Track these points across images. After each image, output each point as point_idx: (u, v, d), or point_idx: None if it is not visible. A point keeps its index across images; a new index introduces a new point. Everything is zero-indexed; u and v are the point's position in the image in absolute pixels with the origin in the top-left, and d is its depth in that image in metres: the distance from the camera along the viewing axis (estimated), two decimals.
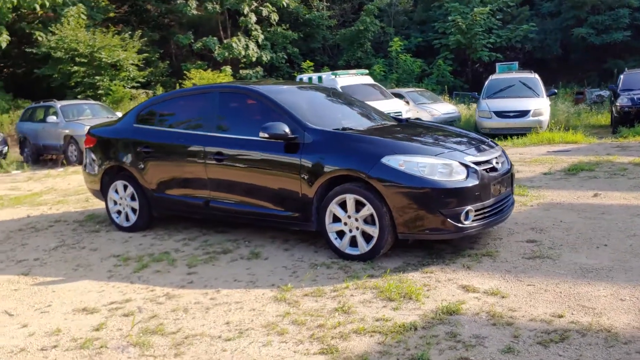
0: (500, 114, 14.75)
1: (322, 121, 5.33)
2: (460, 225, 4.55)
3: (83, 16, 23.63)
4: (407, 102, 18.41)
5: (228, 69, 26.12)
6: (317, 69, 26.02)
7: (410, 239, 4.76)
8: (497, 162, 4.98)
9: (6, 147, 15.52)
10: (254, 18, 27.72)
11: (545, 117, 14.64)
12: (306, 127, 5.06)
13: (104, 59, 22.21)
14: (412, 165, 4.57)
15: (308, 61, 26.48)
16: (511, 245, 5.05)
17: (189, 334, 3.60)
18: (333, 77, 18.47)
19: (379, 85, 19.42)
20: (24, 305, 4.33)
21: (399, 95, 18.96)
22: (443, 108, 18.49)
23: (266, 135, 4.99)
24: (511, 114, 14.62)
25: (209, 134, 5.62)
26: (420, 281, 4.30)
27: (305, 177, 4.96)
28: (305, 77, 19.94)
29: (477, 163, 4.76)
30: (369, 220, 4.72)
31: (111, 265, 5.19)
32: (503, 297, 3.90)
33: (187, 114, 6.06)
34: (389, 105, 17.27)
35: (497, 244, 5.10)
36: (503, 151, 5.40)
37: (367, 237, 4.76)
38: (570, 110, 17.38)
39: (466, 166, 4.66)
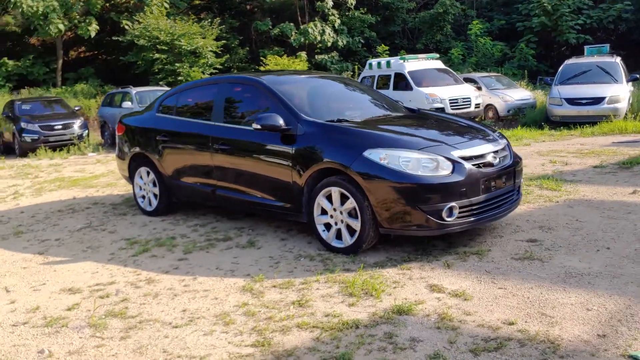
0: (572, 101, 13.89)
1: (320, 112, 5.31)
2: (442, 222, 4.39)
3: (166, 4, 24.66)
4: (479, 88, 17.78)
5: (303, 54, 26.32)
6: (394, 52, 25.61)
7: (391, 234, 4.66)
8: (494, 157, 4.74)
9: (86, 131, 16.58)
10: (330, 3, 27.68)
11: (623, 105, 13.62)
12: (300, 119, 5.06)
13: (183, 47, 23.12)
14: (395, 159, 4.45)
15: (383, 45, 26.12)
16: (508, 244, 4.81)
17: (144, 319, 3.76)
18: (401, 61, 18.17)
19: (450, 70, 18.88)
20: (23, 282, 4.69)
21: (472, 80, 18.35)
22: (517, 94, 17.68)
23: (259, 127, 5.05)
24: (583, 101, 13.73)
25: (215, 123, 5.76)
26: (392, 278, 4.21)
27: (297, 169, 4.97)
28: (374, 61, 19.76)
29: (467, 158, 4.56)
30: (353, 214, 4.67)
31: (117, 248, 5.48)
32: (466, 299, 3.75)
33: (199, 103, 6.23)
34: (458, 91, 16.80)
35: (494, 242, 4.88)
36: (508, 145, 5.12)
37: (352, 231, 4.71)
38: None
39: (452, 161, 4.48)
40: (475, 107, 16.78)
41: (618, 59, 15.22)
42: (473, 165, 4.55)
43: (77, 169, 11.93)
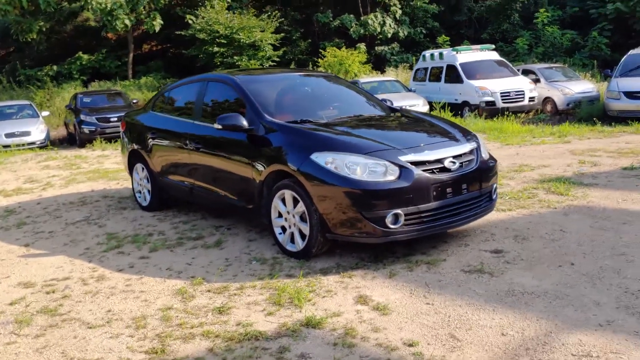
0: (631, 95, 12.92)
1: (288, 112, 5.21)
2: (386, 229, 4.19)
3: None
4: (538, 80, 16.88)
5: (362, 46, 26.00)
6: (458, 42, 24.76)
7: (338, 239, 4.49)
8: (452, 162, 4.46)
9: None
10: None
11: None
12: (263, 119, 4.98)
13: (242, 40, 23.48)
14: (340, 163, 4.29)
15: (444, 36, 25.35)
16: (468, 254, 4.53)
17: (68, 318, 3.85)
18: (453, 53, 17.60)
19: (506, 61, 18.05)
20: None
21: (531, 72, 17.45)
22: (579, 86, 16.63)
23: (220, 127, 5.02)
24: None
25: (193, 121, 5.79)
26: (328, 286, 4.07)
27: (258, 169, 4.91)
28: (427, 53, 19.28)
29: (417, 163, 4.32)
30: (304, 218, 4.55)
31: (95, 243, 5.65)
32: (384, 314, 3.56)
33: (184, 102, 6.29)
34: (511, 84, 16.08)
35: (456, 251, 4.60)
36: (477, 149, 4.80)
37: (304, 235, 4.60)
38: None
39: (400, 166, 4.26)
40: (530, 101, 15.96)
41: None
42: (424, 170, 4.31)
43: (118, 160, 12.42)
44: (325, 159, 4.34)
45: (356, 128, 4.94)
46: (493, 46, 18.31)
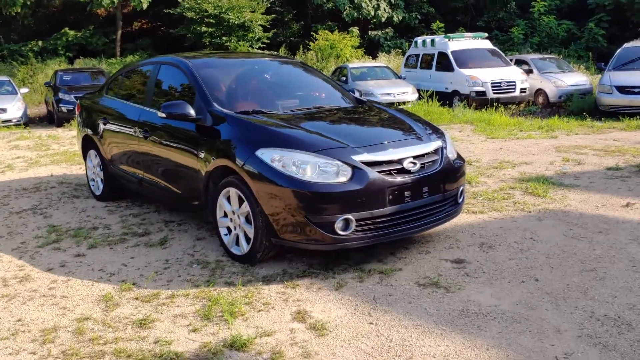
0: (623, 90, 12.52)
1: (241, 102, 4.80)
2: (335, 236, 3.80)
3: None
4: (530, 71, 16.42)
5: (355, 30, 25.42)
6: (453, 29, 24.24)
7: (285, 245, 4.09)
8: (412, 163, 4.06)
9: None
10: None
11: None
12: (212, 108, 4.56)
13: (231, 20, 22.88)
14: (288, 161, 3.88)
15: (438, 22, 24.79)
16: (428, 263, 4.14)
17: None
18: (445, 40, 17.11)
19: (498, 51, 17.57)
20: None
21: (524, 62, 16.98)
22: (571, 79, 16.19)
23: (163, 116, 4.59)
24: (636, 90, 12.30)
25: (144, 107, 5.36)
26: (267, 297, 3.68)
27: (204, 163, 4.49)
28: (420, 39, 18.75)
29: (372, 163, 3.91)
30: (249, 219, 4.15)
31: (33, 236, 5.24)
32: (321, 335, 3.17)
33: (136, 86, 5.84)
34: (503, 74, 15.62)
35: (414, 260, 4.22)
36: (442, 148, 4.40)
37: (249, 238, 4.20)
38: None
39: (353, 166, 3.85)
40: (521, 92, 15.52)
41: None
42: (379, 171, 3.90)
43: None
44: (272, 156, 3.93)
45: (312, 121, 4.51)
46: (486, 34, 17.80)
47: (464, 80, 15.57)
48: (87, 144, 6.50)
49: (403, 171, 4.01)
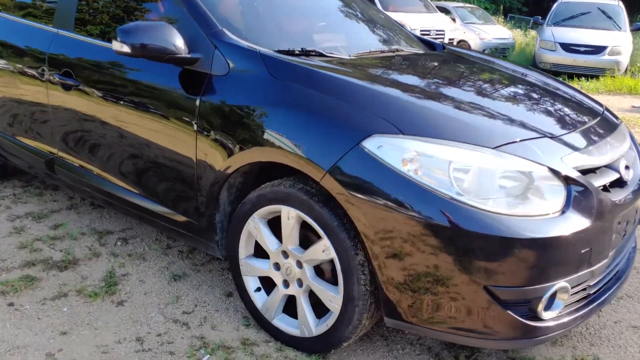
0: (568, 48, 11.65)
1: (268, 34, 2.61)
2: (533, 324, 1.89)
3: None
4: (454, 20, 15.13)
5: None
6: None
7: (411, 333, 2.10)
8: (626, 167, 2.23)
9: None
10: None
11: (624, 58, 11.55)
12: (221, 39, 2.32)
13: None
14: (435, 164, 1.85)
15: None
16: None
17: None
18: None
19: None
20: None
21: (446, 11, 15.63)
22: (495, 32, 15.26)
23: (127, 50, 2.26)
24: (582, 49, 11.52)
25: (58, 31, 2.92)
26: None
27: (207, 148, 2.29)
28: None
29: (587, 171, 2.03)
30: (327, 271, 2.10)
31: None
32: None
33: None
34: (431, 21, 14.08)
35: None
36: (631, 136, 2.60)
37: (322, 307, 2.15)
38: None
39: (565, 178, 1.93)
40: (449, 42, 14.20)
41: (620, 3, 12.95)
42: (601, 187, 2.04)
43: None
44: (404, 153, 1.87)
45: (425, 79, 2.47)
46: None
47: None
48: None
49: (619, 183, 2.16)
